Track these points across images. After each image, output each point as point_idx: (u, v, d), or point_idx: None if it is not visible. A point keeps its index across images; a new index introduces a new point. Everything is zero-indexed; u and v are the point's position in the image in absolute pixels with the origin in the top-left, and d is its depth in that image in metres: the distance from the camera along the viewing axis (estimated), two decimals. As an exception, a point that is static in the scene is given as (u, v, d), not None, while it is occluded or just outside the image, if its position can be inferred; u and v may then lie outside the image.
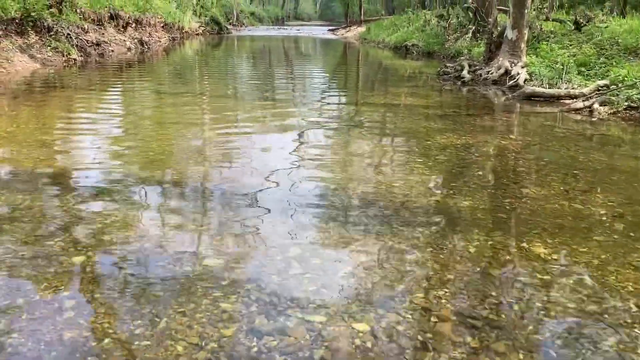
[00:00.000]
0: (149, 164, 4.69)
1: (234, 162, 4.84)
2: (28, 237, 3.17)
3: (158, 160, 4.82)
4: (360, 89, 10.32)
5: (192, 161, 4.83)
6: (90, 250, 3.02)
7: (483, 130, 6.42)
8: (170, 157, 4.92)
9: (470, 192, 4.14)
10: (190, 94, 8.94)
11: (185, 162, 4.78)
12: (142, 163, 4.72)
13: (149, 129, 6.08)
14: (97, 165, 4.63)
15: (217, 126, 6.45)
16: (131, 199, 3.84)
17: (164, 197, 3.94)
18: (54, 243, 3.08)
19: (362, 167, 4.73)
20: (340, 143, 5.63)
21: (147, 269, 2.84)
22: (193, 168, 4.63)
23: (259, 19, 55.62)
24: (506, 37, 10.91)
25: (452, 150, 5.41)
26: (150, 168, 4.57)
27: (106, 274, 2.78)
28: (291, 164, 4.76)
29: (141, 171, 4.48)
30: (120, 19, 19.44)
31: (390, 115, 7.36)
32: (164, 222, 3.45)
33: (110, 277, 2.75)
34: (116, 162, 4.75)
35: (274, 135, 5.93)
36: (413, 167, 4.73)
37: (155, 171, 4.49)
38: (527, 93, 8.78)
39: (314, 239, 3.23)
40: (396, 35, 24.24)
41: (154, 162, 4.75)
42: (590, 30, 14.04)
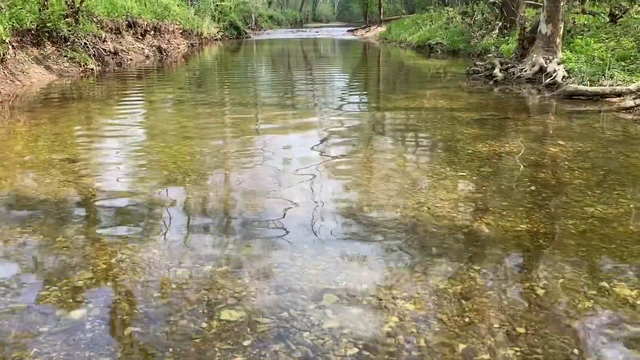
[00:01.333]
0: (166, 184, 4.24)
1: (254, 184, 4.36)
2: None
3: (175, 180, 4.37)
4: (385, 91, 9.78)
5: (212, 183, 4.37)
6: (89, 299, 2.57)
7: (526, 135, 5.84)
8: (188, 177, 4.47)
9: (526, 212, 3.59)
10: (210, 103, 8.51)
11: (204, 184, 4.32)
12: (159, 183, 4.27)
13: (167, 144, 5.65)
14: (113, 187, 4.20)
15: (237, 140, 5.99)
16: (139, 229, 3.38)
17: (179, 228, 3.48)
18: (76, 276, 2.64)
19: (397, 185, 4.21)
20: (367, 156, 5.11)
21: (152, 328, 2.37)
22: (212, 192, 4.16)
23: (277, 22, 55.31)
24: (540, 32, 10.26)
25: (496, 160, 4.86)
26: (167, 190, 4.12)
27: (103, 330, 2.32)
28: (316, 185, 4.26)
29: (156, 194, 4.04)
30: (139, 27, 19.23)
31: (421, 121, 6.81)
32: (178, 262, 2.98)
33: (110, 335, 2.29)
34: (134, 185, 4.31)
35: (296, 150, 5.43)
36: (456, 183, 4.20)
37: (172, 195, 4.04)
38: (568, 92, 8.14)
39: (350, 282, 2.72)
40: (418, 34, 23.60)
41: (171, 182, 4.30)
42: (627, 22, 13.28)
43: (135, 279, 2.78)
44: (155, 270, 2.87)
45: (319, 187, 4.14)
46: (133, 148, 5.49)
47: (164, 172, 4.61)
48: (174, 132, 6.23)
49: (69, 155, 5.13)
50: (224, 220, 3.56)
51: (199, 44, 25.69)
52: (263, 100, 9.06)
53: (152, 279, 2.79)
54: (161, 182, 4.33)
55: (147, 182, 4.34)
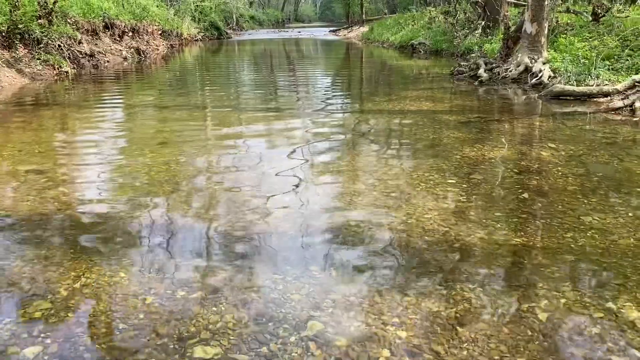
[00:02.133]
0: (138, 198, 3.97)
1: (233, 196, 4.11)
2: None
3: (148, 194, 4.10)
4: (368, 93, 9.56)
5: (187, 196, 4.11)
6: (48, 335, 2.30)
7: (516, 138, 5.67)
8: (162, 190, 4.20)
9: (520, 224, 3.39)
10: (190, 106, 8.21)
11: (179, 198, 4.05)
12: (131, 198, 3.99)
13: (142, 152, 5.36)
14: (80, 202, 3.91)
15: (216, 148, 5.72)
16: (106, 250, 3.11)
17: (150, 249, 3.21)
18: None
19: (383, 195, 3.98)
20: (351, 163, 4.88)
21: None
22: (187, 207, 3.90)
23: (259, 23, 54.89)
24: (524, 32, 10.14)
25: (486, 166, 4.66)
26: (139, 206, 3.85)
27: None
28: (298, 197, 4.02)
29: (127, 210, 3.76)
30: (116, 28, 18.80)
31: (406, 124, 6.60)
32: (148, 287, 2.71)
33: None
34: (104, 201, 4.03)
35: (277, 158, 5.19)
36: (446, 192, 3.99)
37: (144, 211, 3.77)
38: (555, 92, 8.00)
39: (337, 307, 2.49)
40: (401, 34, 23.48)
41: (144, 196, 4.03)
42: (610, 20, 13.26)
43: (99, 309, 2.52)
44: (122, 298, 2.60)
45: (301, 200, 3.90)
46: (106, 158, 5.20)
47: (136, 184, 4.33)
48: (150, 140, 5.94)
49: (36, 166, 4.82)
50: (199, 239, 3.31)
51: (179, 45, 25.28)
52: (245, 103, 8.79)
53: (118, 308, 2.52)
54: (133, 196, 4.06)
55: (119, 197, 4.06)
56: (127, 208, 3.77)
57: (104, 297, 2.61)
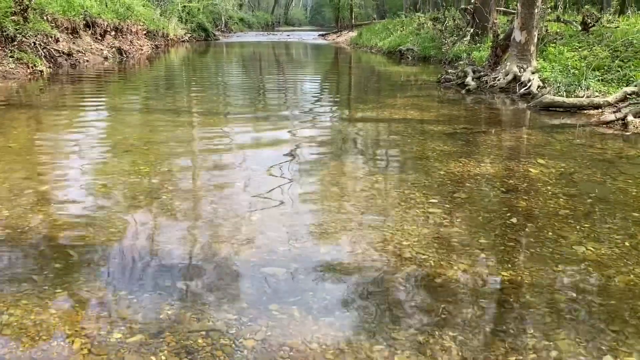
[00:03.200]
0: (101, 217, 3.59)
1: (219, 214, 3.74)
2: None
3: (114, 211, 3.72)
4: (355, 100, 9.22)
5: (159, 216, 3.73)
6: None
7: (503, 152, 5.36)
8: (132, 206, 3.82)
9: (509, 255, 3.06)
10: (171, 112, 7.82)
11: (148, 219, 3.68)
12: (93, 214, 3.61)
13: (111, 163, 4.98)
14: (30, 217, 3.52)
15: (203, 151, 5.34)
16: (47, 280, 2.73)
17: (92, 282, 2.83)
18: None
19: (360, 216, 3.64)
20: (332, 178, 4.52)
21: None
22: (158, 229, 3.53)
23: (248, 25, 54.45)
24: (514, 40, 9.88)
25: (471, 184, 4.34)
26: (101, 225, 3.47)
27: None
28: (267, 220, 3.67)
29: (86, 228, 3.38)
30: (98, 27, 18.34)
31: (392, 135, 6.26)
32: (78, 328, 2.34)
33: None
34: (60, 216, 3.64)
35: (256, 174, 4.84)
36: (427, 214, 3.65)
37: (105, 232, 3.39)
38: (545, 103, 7.72)
39: (293, 358, 2.14)
40: (389, 40, 23.23)
41: (109, 214, 3.65)
42: (600, 30, 13.08)
43: (17, 355, 2.14)
44: (47, 343, 2.23)
45: (269, 223, 3.54)
46: (72, 166, 4.80)
47: (102, 198, 3.95)
48: (114, 146, 5.55)
49: (-16, 175, 4.42)
50: (146, 268, 2.93)
51: (164, 46, 24.83)
52: (229, 109, 8.41)
53: (40, 355, 2.15)
54: (96, 211, 3.67)
55: (80, 213, 3.68)
56: (85, 227, 3.39)
57: (25, 341, 2.24)
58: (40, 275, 2.78)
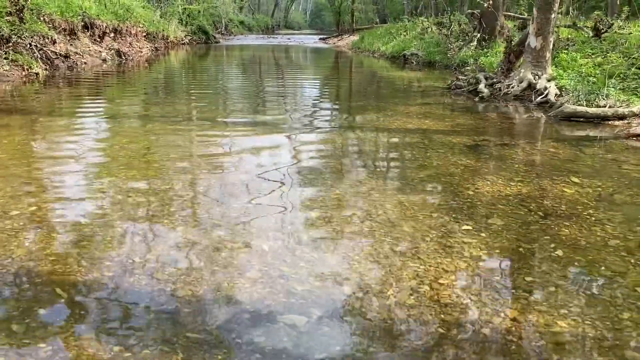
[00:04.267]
0: (71, 238, 3.18)
1: (224, 246, 3.33)
2: None
3: (86, 236, 3.31)
4: (362, 107, 8.79)
5: (143, 242, 3.32)
6: None
7: (533, 169, 4.95)
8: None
9: (562, 299, 2.65)
10: (172, 120, 7.41)
11: (133, 243, 3.27)
12: (70, 238, 3.20)
13: (102, 178, 4.57)
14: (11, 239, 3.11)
15: (202, 165, 4.93)
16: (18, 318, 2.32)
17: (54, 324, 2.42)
18: None
19: (383, 246, 3.23)
20: (340, 199, 4.11)
21: None
22: (143, 257, 3.11)
23: (248, 28, 54.06)
24: (528, 46, 9.50)
25: (504, 206, 3.93)
26: (81, 249, 3.05)
27: None
28: (266, 252, 3.26)
29: (65, 248, 2.96)
30: (96, 28, 17.93)
31: (408, 147, 5.83)
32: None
33: None
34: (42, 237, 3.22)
35: (267, 192, 4.44)
36: (462, 244, 3.24)
37: (87, 261, 2.97)
38: (566, 113, 7.33)
39: None
40: (392, 44, 22.86)
41: (90, 240, 3.24)
42: (612, 37, 12.73)
43: None
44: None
45: (270, 256, 3.13)
46: (65, 184, 4.39)
47: (97, 223, 3.53)
48: (120, 162, 5.14)
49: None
50: (160, 316, 2.52)
51: (164, 48, 24.43)
52: (229, 116, 8.00)
53: None
54: (90, 240, 3.26)
55: (72, 241, 3.26)
56: (57, 261, 2.97)
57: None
58: (21, 325, 2.36)
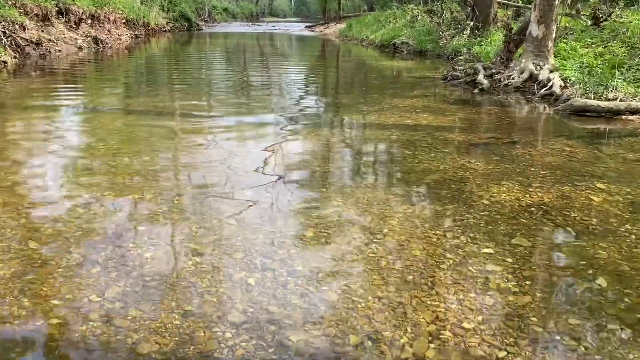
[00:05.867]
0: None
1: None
2: None
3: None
4: (354, 101, 8.16)
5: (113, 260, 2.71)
6: None
7: (549, 172, 4.38)
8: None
9: (612, 344, 2.10)
10: (152, 114, 6.75)
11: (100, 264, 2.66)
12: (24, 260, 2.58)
13: (92, 190, 3.94)
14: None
15: (185, 167, 4.31)
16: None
17: None
18: None
19: (390, 275, 2.65)
20: (336, 211, 3.52)
21: None
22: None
23: (232, 15, 52.97)
24: (529, 34, 8.94)
25: (527, 220, 3.36)
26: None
27: None
28: (250, 283, 2.67)
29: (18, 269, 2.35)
30: (72, 14, 17.06)
31: (409, 147, 5.21)
32: None
33: None
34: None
35: (250, 205, 3.83)
36: (485, 274, 2.66)
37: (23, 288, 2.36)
38: (576, 106, 6.79)
39: None
40: (381, 33, 22.19)
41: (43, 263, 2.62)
42: (612, 26, 12.23)
43: None
44: None
45: (257, 292, 2.54)
46: (27, 198, 3.75)
47: (65, 248, 2.91)
48: (94, 168, 4.49)
49: None
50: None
51: (145, 36, 23.55)
52: (212, 111, 7.36)
53: None
54: (57, 265, 2.64)
55: (33, 269, 2.64)
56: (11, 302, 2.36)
57: None
58: None
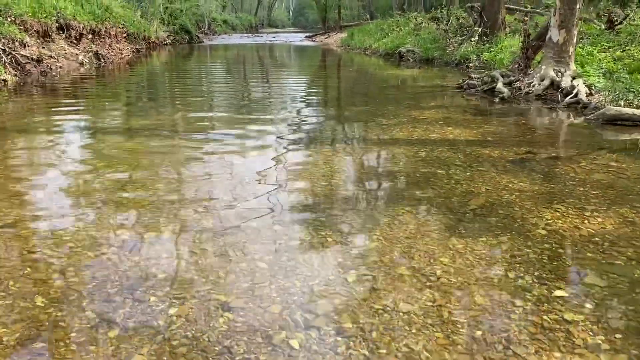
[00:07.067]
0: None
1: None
2: None
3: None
4: (370, 113, 7.74)
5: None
6: None
7: (602, 193, 3.97)
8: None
9: None
10: (156, 134, 6.39)
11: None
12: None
13: (92, 225, 3.56)
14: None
15: (187, 194, 3.93)
16: None
17: None
18: None
19: (456, 334, 2.26)
20: (380, 247, 3.14)
21: None
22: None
23: (232, 27, 52.84)
24: (550, 40, 8.59)
25: (594, 254, 2.96)
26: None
27: None
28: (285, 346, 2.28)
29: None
30: (73, 30, 16.76)
31: (442, 165, 4.75)
32: None
33: None
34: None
35: (261, 250, 3.45)
36: (565, 327, 2.26)
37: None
38: (610, 115, 6.42)
39: None
40: (385, 41, 21.90)
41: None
42: (628, 29, 11.91)
43: None
44: None
45: (296, 354, 2.15)
46: (24, 231, 3.37)
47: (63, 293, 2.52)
48: (95, 197, 4.12)
49: None
50: None
51: (146, 50, 23.28)
52: (215, 130, 7.00)
53: None
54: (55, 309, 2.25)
55: (28, 315, 2.25)
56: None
57: None
58: None
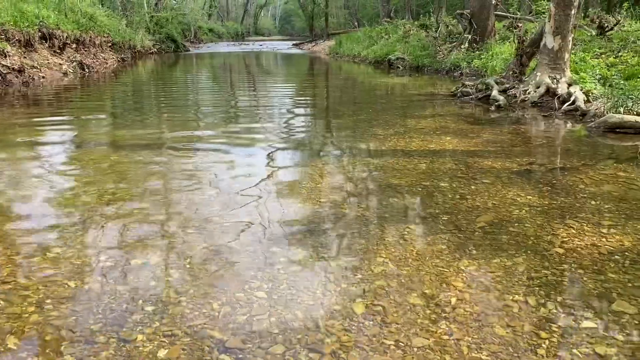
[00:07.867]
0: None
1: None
2: None
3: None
4: (365, 123, 7.47)
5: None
6: None
7: (617, 208, 3.74)
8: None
9: None
10: (143, 146, 6.09)
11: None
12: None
13: (79, 249, 3.26)
14: None
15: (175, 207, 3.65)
16: None
17: None
18: None
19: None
20: (386, 272, 2.89)
21: None
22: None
23: (218, 35, 52.60)
24: (544, 47, 8.44)
25: (616, 275, 2.73)
26: None
27: None
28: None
29: None
30: (56, 39, 16.40)
31: (444, 178, 4.50)
32: None
33: None
34: None
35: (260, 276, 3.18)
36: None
37: None
38: (612, 123, 6.25)
39: None
40: (374, 49, 21.76)
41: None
42: (620, 35, 11.85)
43: None
44: None
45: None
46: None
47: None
48: (79, 218, 3.82)
49: None
50: None
51: (131, 59, 22.95)
52: (201, 144, 6.72)
53: None
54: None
55: None
56: None
57: None
58: None
